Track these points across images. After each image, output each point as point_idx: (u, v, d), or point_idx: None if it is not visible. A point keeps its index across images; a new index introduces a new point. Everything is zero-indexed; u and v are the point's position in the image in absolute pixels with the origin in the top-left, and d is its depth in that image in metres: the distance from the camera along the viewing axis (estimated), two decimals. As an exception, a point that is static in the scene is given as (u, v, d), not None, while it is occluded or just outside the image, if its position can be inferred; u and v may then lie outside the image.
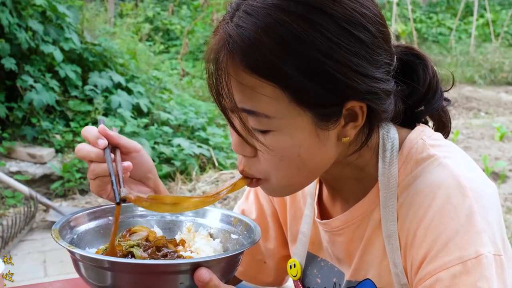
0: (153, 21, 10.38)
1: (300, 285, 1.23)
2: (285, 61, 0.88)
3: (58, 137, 4.96)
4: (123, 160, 1.12)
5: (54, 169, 4.70)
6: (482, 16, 13.91)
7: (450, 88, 1.13)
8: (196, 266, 0.92)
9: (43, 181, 4.70)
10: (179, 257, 1.04)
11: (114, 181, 1.02)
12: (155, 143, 5.13)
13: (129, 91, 5.57)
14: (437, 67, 1.09)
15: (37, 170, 4.67)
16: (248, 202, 1.35)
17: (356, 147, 1.01)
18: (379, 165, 1.04)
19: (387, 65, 0.96)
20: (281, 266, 1.36)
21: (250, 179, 1.02)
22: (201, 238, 1.12)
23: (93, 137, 1.10)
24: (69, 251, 0.97)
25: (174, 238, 1.10)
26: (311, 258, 1.22)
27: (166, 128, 5.36)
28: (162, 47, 9.49)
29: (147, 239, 1.07)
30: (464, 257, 0.91)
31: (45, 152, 4.78)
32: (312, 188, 1.20)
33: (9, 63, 4.84)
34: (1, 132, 4.85)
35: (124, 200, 0.99)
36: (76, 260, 0.99)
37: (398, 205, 1.01)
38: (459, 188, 0.95)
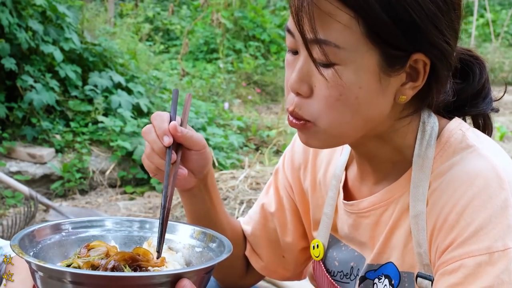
0: (153, 21, 10.38)
1: (322, 265, 1.24)
2: None
3: (58, 137, 4.96)
4: (183, 153, 1.12)
5: (54, 169, 4.69)
6: (482, 16, 13.90)
7: (501, 97, 1.16)
8: (177, 277, 0.89)
9: (43, 181, 4.69)
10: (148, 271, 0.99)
11: (159, 235, 1.04)
12: (155, 143, 5.12)
13: (129, 91, 5.56)
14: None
15: (37, 170, 4.67)
16: (268, 196, 1.36)
17: (407, 112, 1.03)
18: (416, 146, 1.05)
19: (455, 32, 0.98)
20: (299, 259, 1.37)
21: (297, 121, 1.01)
22: (163, 251, 1.08)
23: (160, 130, 1.09)
24: (39, 266, 0.91)
25: (147, 249, 1.05)
26: (334, 242, 1.23)
27: (166, 128, 5.35)
28: (162, 47, 9.49)
29: (107, 255, 1.01)
30: (492, 248, 0.92)
31: (45, 152, 4.78)
32: (339, 171, 1.20)
33: (9, 63, 4.83)
34: (1, 132, 4.85)
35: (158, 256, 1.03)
36: (45, 277, 0.92)
37: (430, 190, 1.02)
38: (497, 179, 0.95)
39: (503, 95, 1.16)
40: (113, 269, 0.95)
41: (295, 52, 1.01)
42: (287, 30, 1.00)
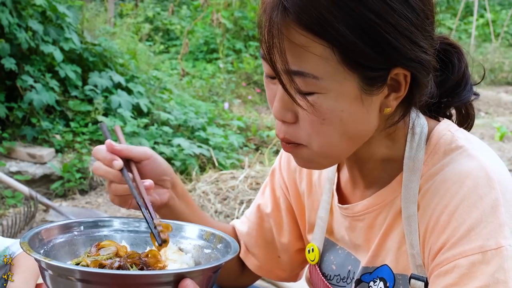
0: (153, 21, 10.38)
1: (317, 269, 1.24)
2: (339, 19, 0.88)
3: (58, 137, 4.96)
4: (137, 169, 1.17)
5: (54, 169, 4.70)
6: (482, 16, 13.90)
7: (480, 81, 1.15)
8: (180, 277, 0.90)
9: (43, 181, 4.70)
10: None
11: (151, 227, 1.07)
12: (155, 143, 5.13)
13: (129, 91, 5.57)
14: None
15: (37, 170, 4.67)
16: (264, 197, 1.37)
17: (393, 120, 1.02)
18: (406, 148, 1.05)
19: (431, 39, 0.97)
20: (296, 261, 1.37)
21: (288, 144, 1.01)
22: (173, 252, 1.09)
23: (106, 159, 1.13)
24: (48, 264, 0.93)
25: (156, 251, 1.07)
26: (330, 245, 1.23)
27: (166, 128, 5.36)
28: (162, 47, 9.49)
29: (117, 254, 1.04)
30: (484, 247, 0.92)
31: (45, 152, 4.78)
32: (331, 174, 1.21)
33: (9, 63, 4.83)
34: (1, 132, 4.85)
35: (164, 241, 1.06)
36: (55, 275, 0.93)
37: (421, 193, 1.02)
38: (487, 179, 0.96)
39: (481, 80, 1.16)
40: (118, 268, 0.97)
41: (274, 77, 1.00)
42: (262, 57, 0.98)
